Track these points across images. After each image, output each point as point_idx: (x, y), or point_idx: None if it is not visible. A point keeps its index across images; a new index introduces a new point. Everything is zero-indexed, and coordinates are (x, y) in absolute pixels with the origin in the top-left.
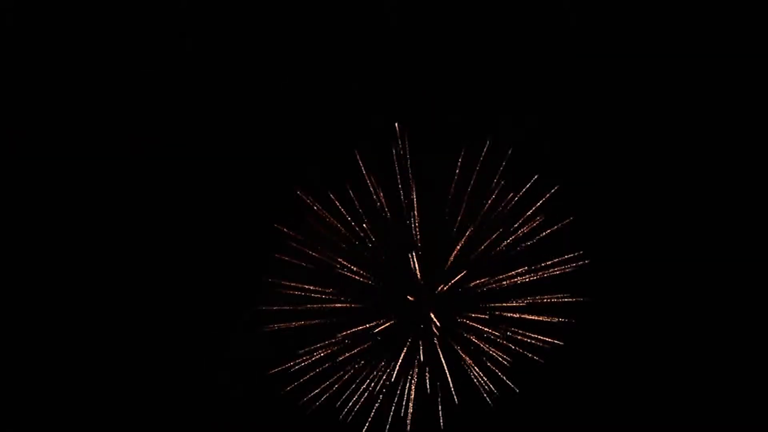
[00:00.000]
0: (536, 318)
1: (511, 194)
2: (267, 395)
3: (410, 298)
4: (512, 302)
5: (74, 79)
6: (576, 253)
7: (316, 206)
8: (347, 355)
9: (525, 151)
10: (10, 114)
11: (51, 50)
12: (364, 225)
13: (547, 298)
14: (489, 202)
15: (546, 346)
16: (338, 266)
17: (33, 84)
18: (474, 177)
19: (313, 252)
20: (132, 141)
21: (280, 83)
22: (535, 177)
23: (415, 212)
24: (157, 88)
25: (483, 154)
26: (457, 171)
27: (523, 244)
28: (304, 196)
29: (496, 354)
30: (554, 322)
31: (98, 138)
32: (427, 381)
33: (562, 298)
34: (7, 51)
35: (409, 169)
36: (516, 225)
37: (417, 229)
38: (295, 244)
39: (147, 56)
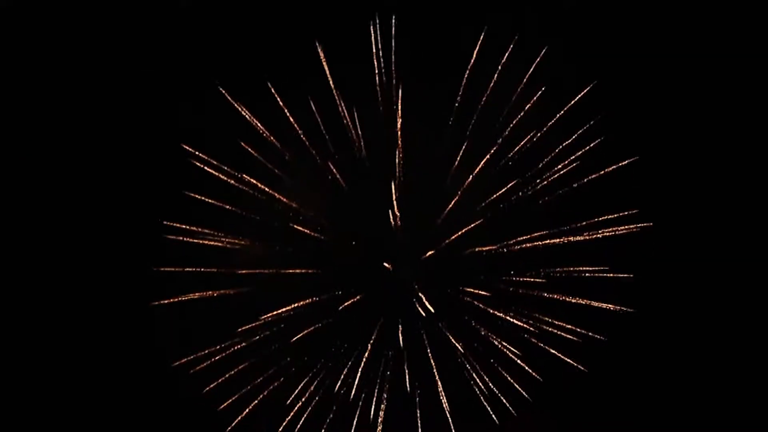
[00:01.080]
0: (572, 300)
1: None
2: (165, 400)
3: (386, 265)
4: (536, 276)
5: None
6: (630, 211)
7: (240, 109)
8: (290, 343)
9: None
10: None
11: None
12: (324, 150)
13: (588, 272)
14: (511, 125)
15: (579, 340)
16: (275, 208)
17: None
18: (491, 85)
19: (235, 182)
20: None
21: None
22: (593, 83)
23: (399, 135)
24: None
25: (510, 48)
26: (466, 74)
27: (557, 192)
28: (226, 94)
29: (508, 350)
30: (598, 309)
31: None
32: (407, 383)
33: (609, 273)
34: None
35: (393, 67)
36: (546, 162)
37: (400, 161)
38: (204, 168)
39: None
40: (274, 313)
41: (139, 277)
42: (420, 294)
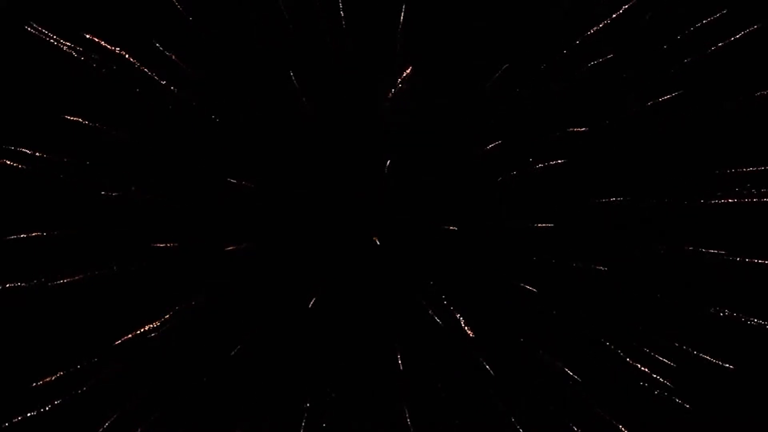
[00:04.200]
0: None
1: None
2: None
3: (376, 241)
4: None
5: None
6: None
7: None
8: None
9: None
10: None
11: None
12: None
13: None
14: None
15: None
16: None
17: None
18: None
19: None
20: None
21: None
22: None
23: (400, 25)
24: None
25: None
26: None
27: (658, 129)
28: None
29: (572, 379)
30: (721, 319)
31: None
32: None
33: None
34: None
35: None
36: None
37: (404, 75)
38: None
39: None
40: (172, 313)
41: None
42: (437, 292)
